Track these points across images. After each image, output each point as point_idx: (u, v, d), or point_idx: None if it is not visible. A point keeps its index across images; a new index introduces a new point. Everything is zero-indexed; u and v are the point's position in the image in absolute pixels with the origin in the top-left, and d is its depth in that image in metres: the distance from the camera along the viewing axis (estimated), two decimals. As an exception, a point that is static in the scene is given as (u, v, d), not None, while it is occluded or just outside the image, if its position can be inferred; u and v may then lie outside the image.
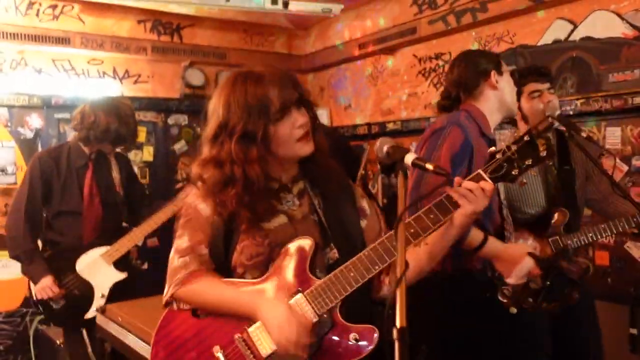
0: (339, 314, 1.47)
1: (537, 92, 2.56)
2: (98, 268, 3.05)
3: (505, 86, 2.34)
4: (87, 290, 3.04)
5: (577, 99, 3.45)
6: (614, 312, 3.15)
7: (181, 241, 1.56)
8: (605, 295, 3.18)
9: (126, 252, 3.14)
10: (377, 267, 1.45)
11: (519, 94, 2.52)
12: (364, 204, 1.70)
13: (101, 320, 2.56)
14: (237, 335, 1.48)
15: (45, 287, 2.95)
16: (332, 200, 1.62)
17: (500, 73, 2.32)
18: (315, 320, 1.44)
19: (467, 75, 2.33)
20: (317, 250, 1.51)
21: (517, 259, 2.05)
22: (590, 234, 2.46)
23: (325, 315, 1.46)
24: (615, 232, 2.46)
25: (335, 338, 1.46)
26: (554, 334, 2.48)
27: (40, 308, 3.06)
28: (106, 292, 3.06)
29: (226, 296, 1.50)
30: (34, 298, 3.03)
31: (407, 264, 1.09)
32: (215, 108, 1.55)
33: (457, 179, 1.43)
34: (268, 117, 1.47)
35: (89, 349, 3.09)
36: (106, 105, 3.10)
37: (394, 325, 0.96)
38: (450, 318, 2.21)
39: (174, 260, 1.56)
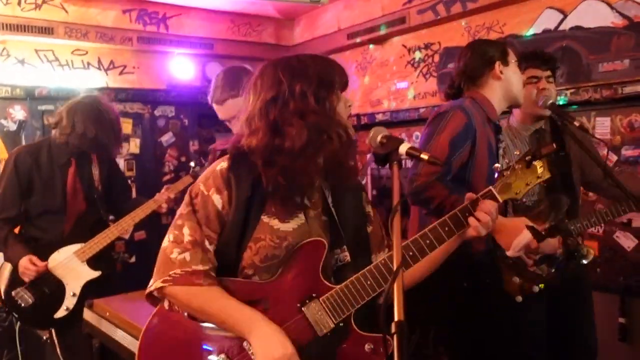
0: (353, 323, 1.45)
1: (534, 78, 2.56)
2: (71, 266, 2.93)
3: (512, 76, 2.37)
4: (58, 289, 2.92)
5: (567, 89, 3.44)
6: (604, 302, 3.17)
7: (182, 233, 1.44)
8: (594, 285, 3.19)
9: (101, 250, 3.00)
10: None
11: None
12: (369, 209, 1.68)
13: (89, 316, 2.51)
14: (245, 343, 1.41)
15: (24, 270, 2.82)
16: (343, 199, 1.58)
17: (506, 63, 2.35)
18: (331, 327, 1.42)
19: (472, 65, 2.36)
20: (327, 252, 1.47)
21: (517, 231, 2.07)
22: (585, 222, 2.49)
23: (341, 324, 1.43)
24: (609, 219, 2.52)
25: (351, 347, 1.44)
26: (550, 322, 2.51)
27: (7, 306, 2.93)
28: (78, 291, 2.93)
29: (226, 310, 1.40)
30: (1, 296, 2.93)
31: (403, 259, 1.06)
32: (273, 80, 1.47)
33: (469, 195, 1.48)
34: (331, 87, 1.47)
35: (58, 350, 3.00)
36: (86, 111, 2.96)
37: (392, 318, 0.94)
38: (450, 305, 2.22)
39: (172, 251, 1.43)
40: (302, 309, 1.42)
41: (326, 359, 1.41)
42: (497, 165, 1.48)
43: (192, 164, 3.28)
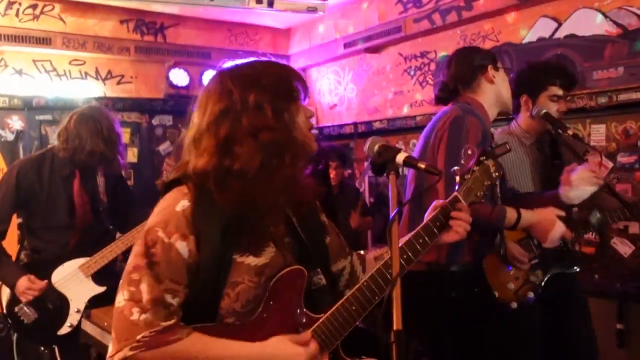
0: (341, 351, 1.38)
1: (556, 97, 2.54)
2: (75, 281, 2.83)
3: (501, 82, 2.39)
4: (61, 305, 2.81)
5: (562, 97, 3.46)
6: (601, 308, 3.18)
7: (139, 290, 1.23)
8: (592, 291, 3.20)
9: (106, 264, 2.89)
10: (377, 298, 1.34)
11: (540, 89, 2.53)
12: (324, 218, 1.56)
13: (87, 326, 2.51)
14: None
15: (26, 290, 2.73)
16: (304, 216, 1.44)
17: (496, 68, 2.37)
18: None
19: (464, 70, 2.38)
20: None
21: (549, 224, 2.19)
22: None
23: (331, 355, 1.36)
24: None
25: None
26: (546, 330, 2.51)
27: (10, 323, 2.83)
28: (82, 307, 2.82)
29: (233, 353, 1.25)
30: (3, 311, 2.84)
31: (402, 268, 1.07)
32: (222, 91, 1.32)
33: (436, 203, 1.43)
34: (287, 97, 1.32)
35: None
36: (92, 126, 2.86)
37: (391, 327, 0.94)
38: (442, 314, 2.22)
39: (131, 312, 1.21)
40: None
41: None
42: (455, 168, 1.45)
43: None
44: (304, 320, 1.34)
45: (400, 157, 1.34)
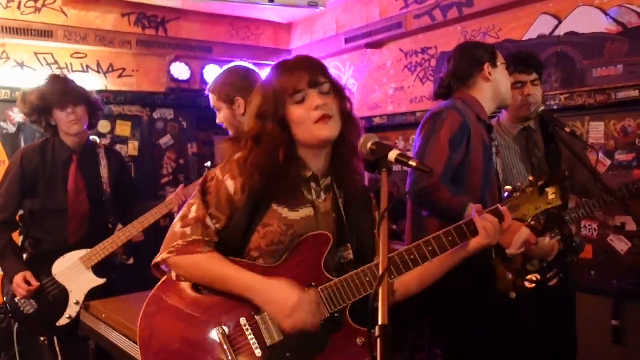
0: (348, 316, 1.49)
1: (519, 83, 2.59)
2: (75, 272, 2.88)
3: (500, 78, 2.42)
4: (61, 296, 2.87)
5: (561, 94, 3.47)
6: (597, 305, 3.20)
7: (190, 210, 1.54)
8: (588, 288, 3.23)
9: (107, 256, 2.95)
10: (392, 277, 1.48)
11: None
12: (377, 215, 1.70)
13: (85, 317, 2.53)
14: (242, 319, 1.48)
15: (19, 285, 2.78)
16: (354, 203, 1.63)
17: (494, 65, 2.41)
18: (326, 316, 1.46)
19: (462, 67, 2.41)
20: (332, 247, 1.53)
21: (515, 229, 2.10)
22: (574, 214, 2.52)
23: (337, 315, 1.48)
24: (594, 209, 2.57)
25: (343, 339, 1.48)
26: (540, 324, 2.53)
27: (10, 312, 2.90)
28: (81, 299, 2.86)
29: (229, 276, 1.48)
30: (4, 300, 2.89)
31: (389, 263, 1.09)
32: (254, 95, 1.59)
33: (478, 207, 1.50)
34: (284, 100, 1.50)
35: (60, 358, 2.94)
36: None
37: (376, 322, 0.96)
38: (442, 309, 2.25)
39: (176, 226, 1.54)
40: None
41: (316, 346, 1.45)
42: (508, 187, 1.50)
43: (207, 164, 3.11)
44: (320, 279, 1.50)
45: (392, 155, 1.36)
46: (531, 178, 1.50)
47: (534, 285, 2.34)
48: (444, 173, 2.21)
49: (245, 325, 1.48)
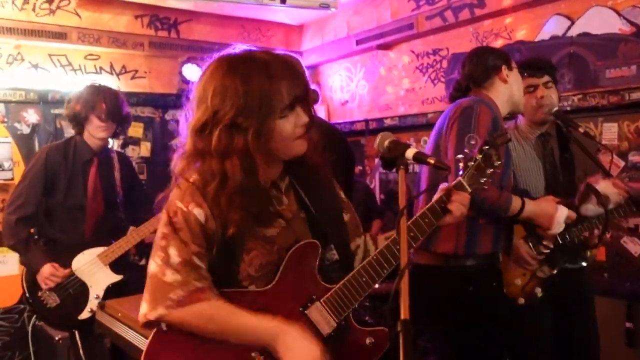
0: (352, 319, 1.49)
1: (531, 87, 2.58)
2: (94, 268, 2.98)
3: (514, 82, 2.43)
4: (82, 291, 2.97)
5: (574, 95, 3.46)
6: (611, 307, 3.18)
7: (169, 254, 1.35)
8: (601, 290, 3.20)
9: (123, 254, 3.06)
10: (385, 271, 1.46)
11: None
12: (342, 195, 1.65)
13: (101, 316, 2.55)
14: (253, 353, 1.38)
15: (48, 276, 2.87)
16: (318, 193, 1.54)
17: (510, 68, 2.41)
18: (333, 327, 1.45)
19: (479, 70, 2.41)
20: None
21: (552, 210, 2.25)
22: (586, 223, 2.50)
23: (343, 322, 1.46)
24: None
25: (353, 343, 1.48)
26: (554, 329, 2.52)
27: (33, 307, 2.98)
28: (101, 294, 2.97)
29: (246, 324, 1.35)
30: (26, 295, 2.96)
31: (409, 259, 1.09)
32: (204, 94, 1.35)
33: (444, 185, 1.50)
34: (272, 111, 1.32)
35: (80, 351, 3.03)
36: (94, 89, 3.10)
37: (398, 317, 0.97)
38: (457, 309, 2.24)
39: (165, 273, 1.34)
40: (305, 312, 1.44)
41: (331, 358, 1.43)
42: (459, 155, 1.51)
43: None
44: (318, 290, 1.45)
45: (410, 153, 1.36)
46: (475, 140, 1.53)
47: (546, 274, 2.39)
48: None
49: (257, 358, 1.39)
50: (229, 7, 4.86)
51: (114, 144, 3.46)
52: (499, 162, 1.48)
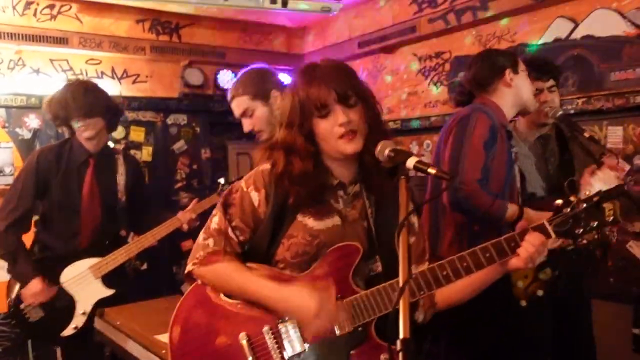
0: (373, 330, 1.46)
1: (536, 90, 2.56)
2: (84, 282, 2.78)
3: (522, 84, 2.41)
4: (67, 305, 2.77)
5: (579, 98, 3.43)
6: (617, 312, 3.14)
7: (212, 222, 1.58)
8: (607, 295, 3.17)
9: (117, 267, 2.85)
10: (422, 293, 1.44)
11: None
12: (414, 220, 1.66)
13: (100, 324, 2.53)
14: (266, 327, 1.48)
15: (35, 292, 2.69)
16: (384, 210, 1.58)
17: (516, 72, 2.39)
18: (348, 330, 1.44)
19: (483, 74, 2.41)
20: (362, 258, 1.49)
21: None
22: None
23: (360, 329, 1.45)
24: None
25: (365, 354, 1.45)
26: (555, 329, 2.50)
27: (15, 321, 2.79)
28: (88, 310, 2.77)
29: (248, 286, 1.49)
30: (9, 305, 2.78)
31: (410, 274, 1.06)
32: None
33: (522, 224, 1.44)
34: (311, 112, 1.48)
35: None
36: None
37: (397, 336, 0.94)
38: (461, 313, 2.22)
39: (200, 237, 1.59)
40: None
41: (345, 350, 1.43)
42: (558, 201, 1.42)
43: (221, 180, 3.06)
44: (346, 291, 1.47)
45: (410, 162, 1.33)
46: (587, 193, 1.41)
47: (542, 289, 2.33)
48: (482, 178, 2.19)
49: (267, 334, 1.48)
50: (230, 11, 4.85)
51: (117, 147, 3.30)
52: (612, 219, 1.39)
